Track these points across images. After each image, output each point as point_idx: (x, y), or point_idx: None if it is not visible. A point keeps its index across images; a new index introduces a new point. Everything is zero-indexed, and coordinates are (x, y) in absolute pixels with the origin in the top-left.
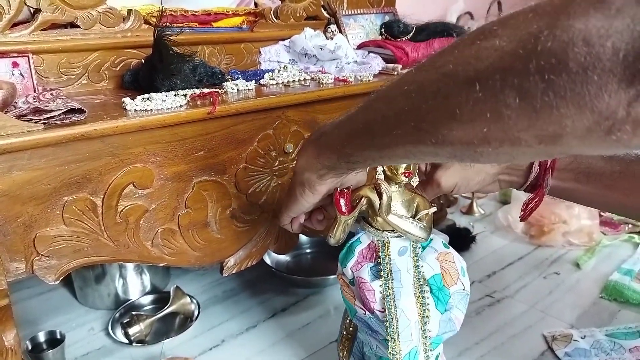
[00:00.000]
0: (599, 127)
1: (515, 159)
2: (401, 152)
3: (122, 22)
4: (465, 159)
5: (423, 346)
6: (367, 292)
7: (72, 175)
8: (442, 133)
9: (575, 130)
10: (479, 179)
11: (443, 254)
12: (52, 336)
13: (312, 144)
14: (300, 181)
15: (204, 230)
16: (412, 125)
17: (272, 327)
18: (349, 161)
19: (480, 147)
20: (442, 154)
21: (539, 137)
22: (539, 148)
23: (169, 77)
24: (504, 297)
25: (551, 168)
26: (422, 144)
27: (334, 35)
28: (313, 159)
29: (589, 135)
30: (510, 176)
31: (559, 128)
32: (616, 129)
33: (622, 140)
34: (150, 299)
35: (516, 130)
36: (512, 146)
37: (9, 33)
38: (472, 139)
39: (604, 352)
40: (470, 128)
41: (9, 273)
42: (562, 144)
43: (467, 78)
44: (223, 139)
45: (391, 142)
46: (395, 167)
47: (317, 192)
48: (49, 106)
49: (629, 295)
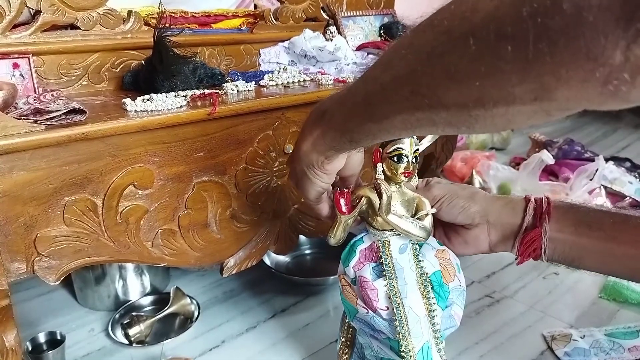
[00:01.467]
0: (595, 76)
1: (511, 122)
2: (399, 123)
3: (122, 24)
4: (461, 126)
5: (434, 340)
6: (369, 291)
7: (73, 176)
8: (437, 96)
9: (569, 81)
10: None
11: (440, 251)
12: (52, 337)
13: (316, 124)
14: (309, 164)
15: (204, 230)
16: (409, 90)
17: (272, 327)
18: (351, 139)
19: (475, 110)
20: (439, 122)
21: (534, 92)
22: (534, 106)
23: (169, 78)
24: (504, 297)
25: (547, 214)
26: (418, 110)
27: (333, 36)
28: (319, 139)
29: (585, 86)
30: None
31: (553, 79)
32: (613, 77)
33: (620, 92)
34: (150, 300)
35: (510, 86)
36: (507, 105)
37: (9, 34)
38: (467, 100)
39: (603, 351)
40: (465, 87)
41: (10, 273)
42: (557, 99)
43: (462, 33)
44: (223, 140)
45: (389, 112)
46: (395, 167)
47: (327, 171)
48: (50, 107)
49: (628, 295)
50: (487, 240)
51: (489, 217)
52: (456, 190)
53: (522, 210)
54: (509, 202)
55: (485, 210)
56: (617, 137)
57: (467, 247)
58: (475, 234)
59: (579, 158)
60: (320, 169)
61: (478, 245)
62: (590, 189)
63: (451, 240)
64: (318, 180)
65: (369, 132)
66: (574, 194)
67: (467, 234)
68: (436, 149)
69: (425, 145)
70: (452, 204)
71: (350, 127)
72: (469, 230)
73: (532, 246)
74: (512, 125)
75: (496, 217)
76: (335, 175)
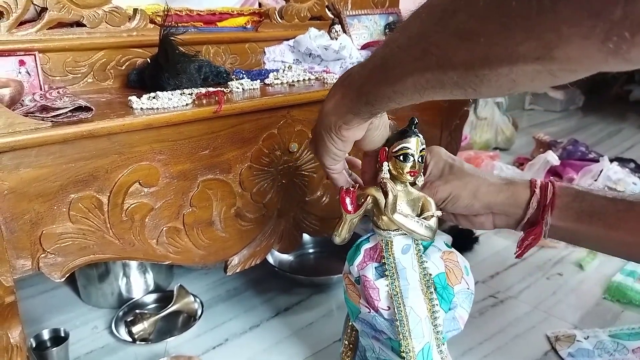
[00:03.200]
0: (595, 32)
1: (515, 83)
2: (410, 85)
3: (128, 22)
4: (467, 88)
5: (435, 341)
6: (371, 291)
7: (79, 173)
8: (447, 55)
9: (571, 38)
10: (468, 202)
11: (447, 253)
12: (56, 334)
13: (339, 86)
14: (326, 125)
15: (208, 228)
16: (421, 50)
17: (276, 326)
18: (368, 101)
19: (481, 69)
20: (447, 83)
21: (537, 50)
22: (537, 64)
23: (174, 76)
24: (507, 298)
25: (551, 205)
26: (428, 70)
27: (338, 35)
28: (340, 101)
29: (585, 43)
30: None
31: (555, 36)
32: (613, 34)
33: (620, 51)
34: (154, 298)
35: (515, 44)
36: (511, 64)
37: (15, 32)
38: (474, 59)
39: (607, 352)
40: (472, 46)
41: (15, 270)
42: (559, 58)
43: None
44: (228, 138)
45: (401, 74)
46: (401, 166)
47: (344, 137)
48: (56, 104)
49: (632, 296)
50: (492, 224)
51: (493, 209)
52: (459, 191)
53: (525, 202)
54: (512, 194)
55: (488, 205)
56: (622, 137)
57: (473, 227)
58: (481, 220)
59: (584, 158)
60: (337, 133)
61: (483, 227)
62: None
63: (457, 219)
64: (332, 146)
65: (384, 95)
66: None
67: (472, 219)
68: None
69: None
70: (455, 206)
71: (367, 89)
72: (475, 217)
73: (532, 245)
74: (516, 87)
75: (500, 209)
76: (351, 145)
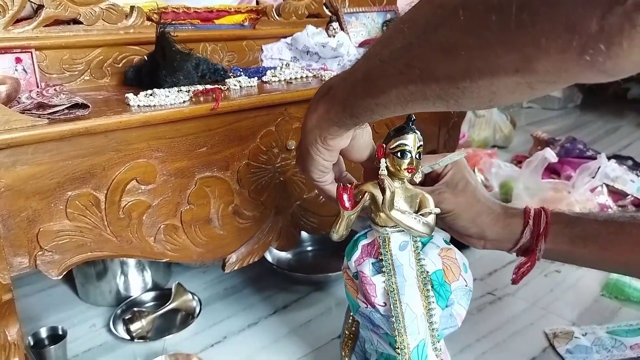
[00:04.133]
0: (572, 45)
1: (495, 95)
2: (394, 97)
3: (124, 19)
4: (450, 100)
5: (431, 338)
6: (368, 286)
7: (76, 170)
8: (429, 68)
9: (549, 51)
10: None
11: (445, 250)
12: (54, 332)
13: (322, 100)
14: (312, 140)
15: (206, 226)
16: (404, 63)
17: (274, 324)
18: (352, 114)
19: (462, 82)
20: (429, 95)
21: (516, 63)
22: (517, 77)
23: (172, 74)
24: (505, 295)
25: (544, 234)
26: (411, 83)
27: (335, 33)
28: (324, 115)
29: (563, 57)
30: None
31: (533, 50)
32: (589, 47)
33: (596, 63)
34: (152, 296)
35: (495, 56)
36: (492, 76)
37: (12, 29)
38: (456, 72)
39: (605, 349)
40: (454, 59)
41: (13, 267)
42: (537, 70)
43: (454, 6)
44: (226, 135)
45: (385, 86)
46: (399, 162)
47: (330, 147)
48: (53, 101)
49: (630, 293)
50: (482, 247)
51: (487, 237)
52: (461, 211)
53: (519, 233)
54: (508, 225)
55: (483, 232)
56: (619, 135)
57: (462, 241)
58: (472, 242)
59: (581, 156)
60: (323, 144)
61: (472, 245)
62: (592, 187)
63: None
64: (319, 158)
65: (367, 107)
66: (576, 192)
67: (464, 237)
68: (438, 146)
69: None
70: (452, 222)
71: (351, 102)
72: (467, 236)
73: (527, 270)
74: (497, 99)
75: (494, 237)
76: (337, 154)
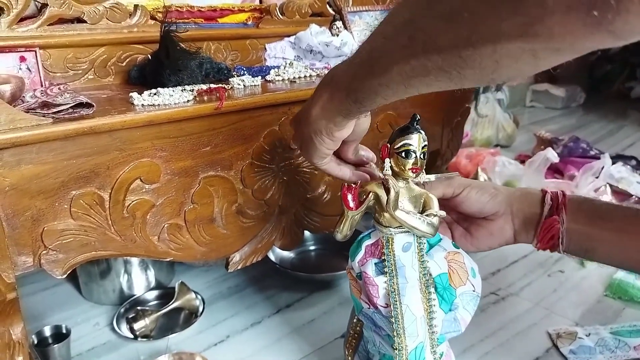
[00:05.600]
0: (579, 1)
1: (499, 65)
2: (395, 75)
3: (128, 18)
4: (452, 71)
5: (430, 341)
6: (370, 287)
7: (80, 170)
8: (432, 38)
9: (554, 10)
10: (491, 193)
11: (452, 254)
12: (57, 331)
13: (325, 87)
14: (317, 130)
15: (210, 225)
16: (408, 36)
17: (277, 323)
18: (356, 99)
19: (465, 50)
20: (431, 69)
21: (520, 26)
22: (522, 41)
23: (175, 73)
24: (509, 295)
25: (563, 204)
26: (413, 57)
27: (339, 32)
28: (328, 103)
29: (570, 15)
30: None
31: (539, 10)
32: (597, 3)
33: (604, 21)
34: (155, 295)
35: (499, 20)
36: (495, 42)
37: (16, 28)
38: (459, 39)
39: (608, 349)
40: (457, 26)
41: (17, 266)
42: (544, 32)
43: None
44: (229, 135)
45: (387, 64)
46: (403, 162)
47: (335, 138)
48: (57, 100)
49: (634, 293)
50: (512, 230)
51: (513, 206)
52: (479, 183)
53: (540, 201)
54: (527, 194)
55: (509, 198)
56: (623, 134)
57: (493, 239)
58: (500, 225)
59: (585, 156)
60: (328, 136)
61: (504, 235)
62: (595, 187)
63: (475, 235)
64: (323, 147)
65: (370, 89)
66: (579, 192)
67: (492, 226)
68: (442, 145)
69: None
70: (480, 192)
71: (354, 86)
72: (494, 222)
73: (550, 233)
74: (500, 69)
75: (518, 206)
76: (340, 142)
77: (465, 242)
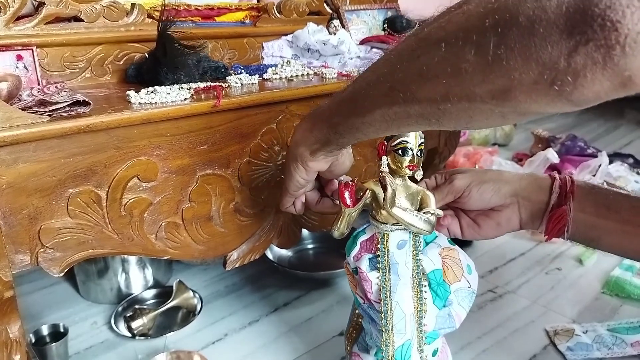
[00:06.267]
0: (543, 78)
1: (473, 119)
2: (379, 116)
3: (125, 16)
4: (431, 119)
5: (417, 339)
6: (364, 283)
7: (77, 168)
8: (411, 90)
9: (522, 83)
10: (494, 186)
11: (447, 250)
12: (55, 329)
13: (308, 117)
14: (294, 155)
15: (207, 223)
16: (388, 86)
17: (275, 321)
18: (337, 132)
19: (443, 104)
20: (412, 115)
21: (492, 92)
22: (492, 104)
23: (173, 71)
24: (506, 292)
25: (571, 192)
26: (395, 104)
27: (336, 30)
28: (307, 132)
29: (535, 87)
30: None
31: (508, 81)
32: (558, 79)
33: (564, 93)
34: (153, 293)
35: (472, 85)
36: (469, 102)
37: (13, 26)
38: (436, 95)
39: (605, 346)
40: (434, 84)
41: (14, 265)
42: (511, 99)
43: (437, 39)
44: (227, 133)
45: (370, 106)
46: (400, 160)
47: (309, 168)
48: (54, 98)
49: (631, 290)
50: (518, 219)
51: (519, 196)
52: (481, 176)
53: (548, 188)
54: (535, 180)
55: (515, 189)
56: (620, 133)
57: (500, 229)
58: (507, 215)
59: (582, 154)
60: (302, 164)
61: (510, 225)
62: None
63: (482, 226)
64: (297, 174)
65: (352, 126)
66: None
67: (499, 216)
68: (439, 144)
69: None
70: (482, 189)
71: (337, 120)
72: (501, 212)
73: (560, 223)
74: (473, 122)
75: (526, 195)
76: (315, 175)
77: (472, 232)
